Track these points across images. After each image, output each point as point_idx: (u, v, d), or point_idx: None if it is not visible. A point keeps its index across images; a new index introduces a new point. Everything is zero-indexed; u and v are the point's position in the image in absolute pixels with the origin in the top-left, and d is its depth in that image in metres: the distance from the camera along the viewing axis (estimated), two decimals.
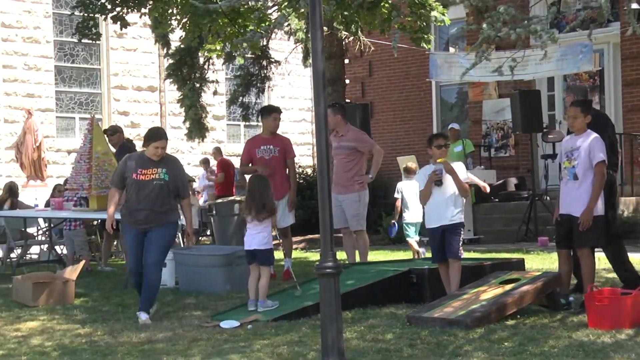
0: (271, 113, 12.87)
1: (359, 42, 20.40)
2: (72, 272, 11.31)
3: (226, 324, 9.00)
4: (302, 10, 12.92)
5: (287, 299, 10.06)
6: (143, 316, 9.47)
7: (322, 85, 6.82)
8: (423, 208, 10.33)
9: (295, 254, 16.37)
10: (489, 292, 9.07)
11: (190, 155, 30.63)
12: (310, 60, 15.12)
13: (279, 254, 12.41)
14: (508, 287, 9.13)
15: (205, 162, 23.59)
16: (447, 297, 9.31)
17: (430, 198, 9.80)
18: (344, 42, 20.18)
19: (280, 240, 13.47)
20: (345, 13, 14.67)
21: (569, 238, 9.31)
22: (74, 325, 9.43)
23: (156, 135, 9.88)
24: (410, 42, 16.45)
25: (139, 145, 13.84)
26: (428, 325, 8.45)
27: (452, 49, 21.94)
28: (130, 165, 9.77)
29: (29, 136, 23.74)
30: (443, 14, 15.02)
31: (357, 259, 12.43)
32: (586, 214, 9.05)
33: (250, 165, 12.64)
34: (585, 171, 9.16)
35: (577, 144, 9.29)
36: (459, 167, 9.90)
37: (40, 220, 16.67)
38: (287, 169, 12.77)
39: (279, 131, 13.05)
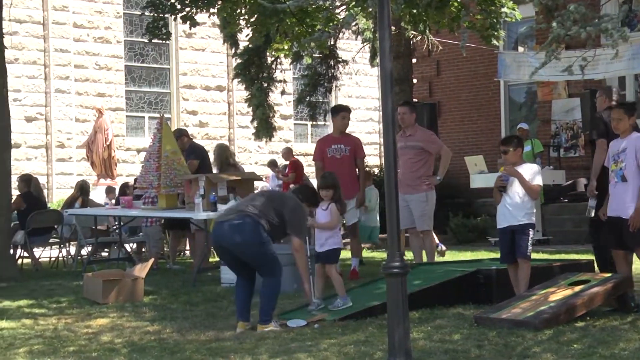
0: (339, 112, 12.88)
1: (426, 42, 20.32)
2: (141, 270, 11.42)
3: (293, 323, 9.02)
4: (370, 9, 12.92)
5: (354, 298, 10.05)
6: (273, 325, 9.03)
7: (390, 84, 6.80)
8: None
9: (362, 253, 16.39)
10: (558, 294, 8.98)
11: (257, 155, 30.78)
12: (378, 60, 15.10)
13: (345, 253, 12.41)
14: (577, 288, 9.03)
15: (273, 164, 23.66)
16: (515, 298, 9.24)
17: (501, 199, 9.75)
18: (411, 42, 20.12)
19: (349, 240, 13.48)
20: (414, 12, 14.62)
21: (622, 241, 9.24)
22: (143, 323, 9.52)
23: None
24: (479, 41, 16.34)
25: (204, 144, 13.99)
26: (496, 326, 8.39)
27: (521, 48, 21.74)
28: None
29: (99, 135, 24.09)
30: (513, 9, 14.87)
31: (424, 259, 12.39)
32: (636, 215, 8.98)
33: (321, 164, 12.65)
34: (633, 172, 9.07)
35: (623, 146, 9.20)
36: (529, 169, 9.77)
37: (111, 219, 16.87)
38: (357, 169, 12.78)
39: (347, 131, 13.05)
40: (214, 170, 14.96)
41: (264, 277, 8.95)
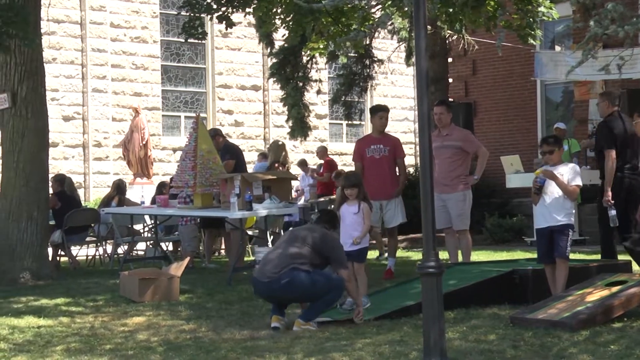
0: (377, 112, 12.85)
1: (462, 41, 20.26)
2: (177, 269, 11.47)
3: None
4: (406, 9, 12.87)
5: (389, 298, 10.05)
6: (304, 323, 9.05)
7: (426, 84, 6.79)
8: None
9: (397, 253, 16.36)
10: (595, 294, 8.92)
11: (292, 154, 30.77)
12: (414, 59, 15.08)
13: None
14: (614, 289, 8.97)
15: (303, 164, 23.63)
16: (551, 298, 9.19)
17: (539, 199, 9.70)
18: (447, 41, 20.06)
19: (385, 239, 13.45)
20: (450, 11, 14.57)
21: None
22: (179, 322, 9.57)
23: None
24: (515, 40, 16.25)
25: (239, 143, 14.01)
26: (532, 327, 8.35)
27: (558, 48, 21.59)
28: None
29: (136, 134, 24.20)
30: (550, 9, 14.78)
31: (460, 259, 12.35)
32: None
33: (361, 164, 12.61)
34: None
35: None
36: (570, 169, 9.71)
37: (147, 217, 16.96)
38: (397, 169, 12.76)
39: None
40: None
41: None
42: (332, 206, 14.56)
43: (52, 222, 15.93)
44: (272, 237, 15.13)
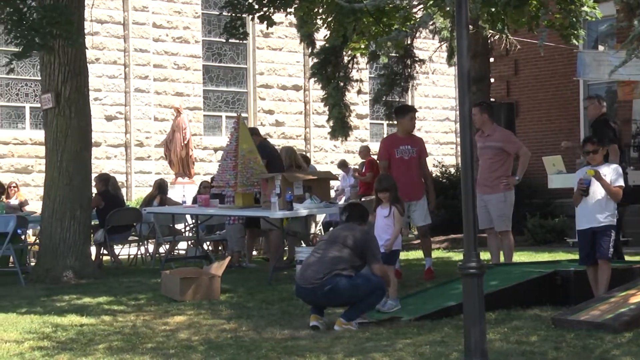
0: (408, 113, 12.81)
1: (504, 40, 20.14)
2: (218, 268, 11.50)
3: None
4: (448, 8, 12.85)
5: (430, 298, 10.02)
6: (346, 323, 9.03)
7: (467, 84, 6.76)
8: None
9: (438, 253, 16.32)
10: (638, 296, 8.84)
11: (333, 154, 30.80)
12: (455, 59, 15.04)
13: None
14: None
15: (343, 165, 23.61)
16: (594, 299, 9.12)
17: (581, 200, 9.63)
18: (489, 41, 19.96)
19: (419, 240, 13.42)
20: (492, 11, 14.50)
21: None
22: (220, 321, 9.60)
23: None
24: (558, 40, 16.14)
25: (280, 143, 13.99)
26: (574, 328, 8.30)
27: (601, 47, 21.42)
28: None
29: (177, 134, 24.32)
30: (594, 8, 14.66)
31: (501, 259, 12.29)
32: None
33: (387, 164, 12.58)
34: None
35: None
36: (613, 170, 9.64)
37: (188, 217, 17.03)
38: (422, 169, 12.75)
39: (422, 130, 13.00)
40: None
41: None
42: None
43: (95, 221, 16.06)
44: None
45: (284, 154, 15.24)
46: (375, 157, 23.37)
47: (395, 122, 13.66)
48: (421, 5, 15.81)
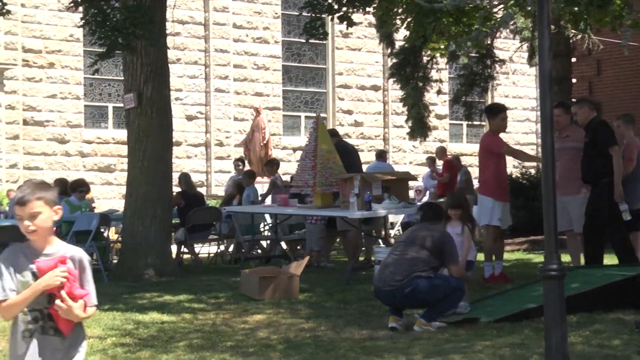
0: (500, 113, 12.67)
1: (587, 40, 19.89)
2: (297, 268, 11.54)
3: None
4: (529, 8, 12.72)
5: (510, 300, 9.94)
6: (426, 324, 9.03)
7: (548, 84, 6.69)
8: None
9: (517, 255, 16.18)
10: None
11: (412, 155, 30.74)
12: (536, 59, 14.89)
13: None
14: None
15: (430, 160, 23.50)
16: None
17: None
18: (571, 40, 19.73)
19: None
20: (574, 10, 14.34)
21: None
22: (298, 320, 9.63)
23: None
24: None
25: (358, 143, 13.98)
26: None
27: None
28: None
29: (257, 134, 24.44)
30: None
31: (582, 262, 12.12)
32: None
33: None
34: None
35: None
36: None
37: (267, 216, 17.11)
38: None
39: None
40: None
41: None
42: None
43: (176, 219, 16.24)
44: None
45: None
46: (451, 157, 23.27)
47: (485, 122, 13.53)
48: (502, 5, 15.68)
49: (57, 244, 4.58)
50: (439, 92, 21.68)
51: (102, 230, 15.37)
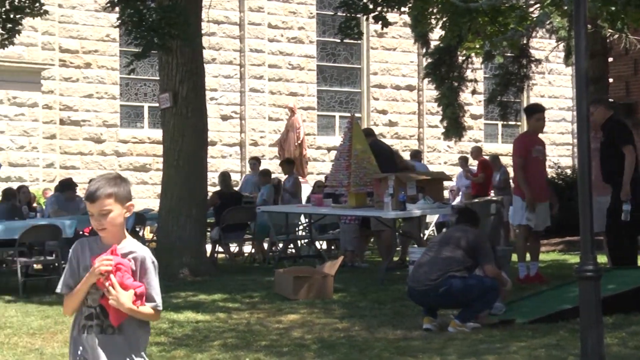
0: (536, 113, 12.59)
1: (624, 40, 19.75)
2: (331, 268, 11.53)
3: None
4: (566, 7, 12.65)
5: (545, 301, 9.88)
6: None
7: (585, 84, 6.64)
8: None
9: (553, 255, 16.09)
10: None
11: (447, 155, 30.66)
12: (573, 59, 14.78)
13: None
14: None
15: (463, 160, 23.41)
16: None
17: None
18: (607, 40, 19.59)
19: (529, 243, 13.21)
20: (611, 9, 14.22)
21: None
22: (332, 320, 9.63)
23: None
24: None
25: (393, 143, 13.96)
26: None
27: None
28: None
29: (291, 134, 24.46)
30: None
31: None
32: None
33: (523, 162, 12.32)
34: None
35: None
36: None
37: (302, 216, 17.11)
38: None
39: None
40: None
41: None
42: (494, 207, 14.32)
43: (211, 219, 16.28)
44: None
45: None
46: (486, 157, 23.16)
47: (521, 123, 13.49)
48: (538, 5, 15.60)
49: (128, 241, 4.39)
50: (474, 91, 21.63)
51: (137, 229, 15.45)
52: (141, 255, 4.37)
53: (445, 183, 16.68)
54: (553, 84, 32.39)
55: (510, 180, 18.57)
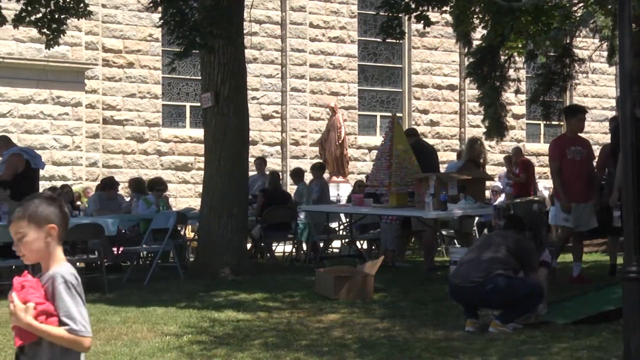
0: (577, 114, 12.53)
1: None
2: (371, 267, 11.52)
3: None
4: (610, 6, 12.54)
5: (588, 303, 9.81)
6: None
7: (629, 84, 6.60)
8: None
9: (596, 256, 15.97)
10: None
11: (488, 155, 30.48)
12: (616, 58, 14.67)
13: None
14: None
15: (508, 160, 23.26)
16: None
17: None
18: None
19: (571, 244, 13.12)
20: None
21: None
22: (373, 320, 9.62)
23: None
24: None
25: (434, 143, 13.84)
26: None
27: None
28: None
29: (332, 133, 24.50)
30: None
31: None
32: None
33: (558, 165, 12.28)
34: None
35: None
36: None
37: (342, 216, 17.12)
38: (591, 171, 12.47)
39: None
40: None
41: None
42: (536, 207, 14.21)
43: (252, 218, 16.31)
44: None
45: (467, 147, 15.12)
46: (529, 157, 23.04)
47: (563, 123, 13.40)
48: (581, 4, 15.50)
49: (58, 266, 3.86)
50: (516, 91, 21.51)
51: (179, 228, 15.53)
52: (52, 275, 3.82)
53: (487, 183, 16.60)
54: (596, 84, 32.14)
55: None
